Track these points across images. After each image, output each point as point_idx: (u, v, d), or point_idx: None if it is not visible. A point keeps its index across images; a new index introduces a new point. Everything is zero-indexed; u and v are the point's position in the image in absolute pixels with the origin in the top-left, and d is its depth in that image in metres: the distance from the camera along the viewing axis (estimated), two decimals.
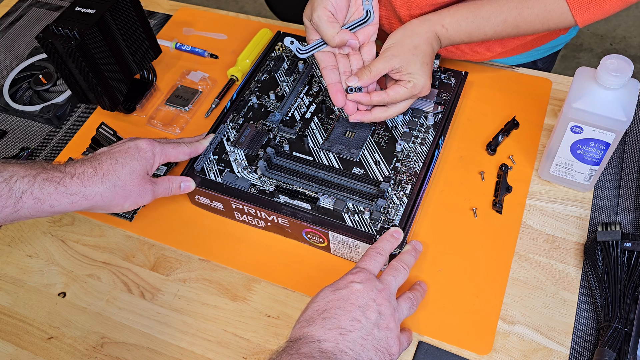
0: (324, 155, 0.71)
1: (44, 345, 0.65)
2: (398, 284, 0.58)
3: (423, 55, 0.69)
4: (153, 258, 0.71)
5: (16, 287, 0.70)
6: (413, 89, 0.68)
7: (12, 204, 0.58)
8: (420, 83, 0.68)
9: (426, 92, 0.70)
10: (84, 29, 0.71)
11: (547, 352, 0.60)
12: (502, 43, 0.84)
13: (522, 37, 0.84)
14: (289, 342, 0.51)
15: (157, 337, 0.65)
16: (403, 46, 0.69)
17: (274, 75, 0.81)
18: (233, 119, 0.76)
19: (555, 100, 0.80)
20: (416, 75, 0.68)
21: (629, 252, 0.61)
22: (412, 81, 0.68)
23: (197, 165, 0.71)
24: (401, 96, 0.68)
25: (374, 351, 0.52)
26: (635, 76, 0.60)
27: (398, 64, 0.68)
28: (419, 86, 0.68)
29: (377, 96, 0.68)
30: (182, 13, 1.00)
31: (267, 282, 0.67)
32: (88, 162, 0.63)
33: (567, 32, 0.90)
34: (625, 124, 0.59)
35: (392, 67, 0.68)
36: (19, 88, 0.89)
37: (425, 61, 0.69)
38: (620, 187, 0.71)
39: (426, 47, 0.69)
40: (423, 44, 0.69)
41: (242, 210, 0.69)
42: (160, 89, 0.88)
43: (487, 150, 0.75)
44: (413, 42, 0.69)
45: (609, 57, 0.58)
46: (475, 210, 0.70)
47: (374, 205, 0.65)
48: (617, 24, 2.14)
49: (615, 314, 0.58)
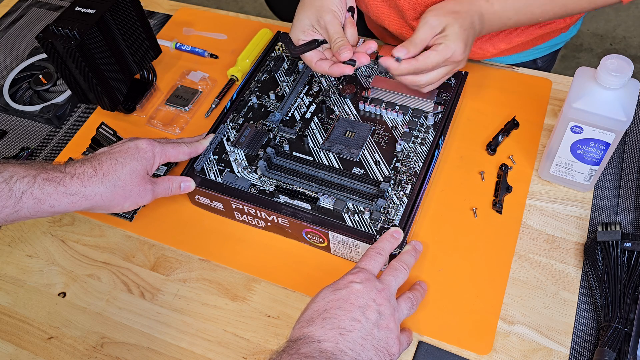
0: (324, 155, 0.71)
1: (44, 345, 0.65)
2: (398, 284, 0.58)
3: (462, 21, 0.65)
4: (153, 258, 0.71)
5: (16, 287, 0.70)
6: (444, 52, 0.64)
7: (12, 204, 0.58)
8: (453, 46, 0.64)
9: (460, 60, 0.66)
10: (84, 29, 0.71)
11: (547, 352, 0.60)
12: (505, 41, 0.84)
13: (524, 35, 0.84)
14: (289, 342, 0.52)
15: (157, 337, 0.65)
16: (442, 9, 0.66)
17: (274, 75, 0.81)
18: (233, 119, 0.76)
19: (555, 100, 0.80)
20: (451, 38, 0.64)
21: (629, 252, 0.61)
22: (445, 43, 0.64)
23: (197, 165, 0.71)
24: (431, 61, 0.64)
25: (374, 351, 0.52)
26: (635, 76, 0.60)
27: (439, 27, 0.65)
28: (450, 49, 0.64)
29: (407, 63, 0.64)
30: (182, 13, 1.00)
31: (267, 282, 0.67)
32: (88, 162, 0.63)
33: (568, 30, 0.90)
34: (625, 124, 0.59)
35: (433, 32, 0.65)
36: (19, 88, 0.89)
37: (464, 26, 0.65)
38: (620, 187, 0.71)
39: (466, 16, 0.66)
40: (464, 12, 0.66)
41: (242, 210, 0.69)
42: (160, 89, 0.88)
43: (487, 150, 0.75)
44: (454, 8, 0.66)
45: (609, 57, 0.58)
46: (475, 210, 0.70)
47: (374, 205, 0.65)
48: (617, 24, 2.14)
49: (615, 314, 0.58)
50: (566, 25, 0.87)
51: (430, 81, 0.67)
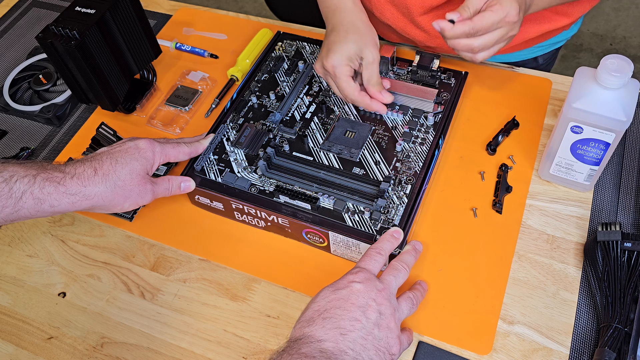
0: (324, 155, 0.71)
1: (44, 345, 0.65)
2: (398, 283, 0.58)
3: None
4: (153, 258, 0.71)
5: (16, 287, 0.70)
6: (500, 12, 0.62)
7: (12, 204, 0.58)
8: (508, 5, 0.63)
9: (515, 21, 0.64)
10: (84, 29, 0.71)
11: (547, 352, 0.60)
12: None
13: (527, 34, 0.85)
14: (289, 342, 0.52)
15: (157, 337, 0.65)
16: None
17: (274, 75, 0.81)
18: (233, 119, 0.76)
19: (555, 100, 0.80)
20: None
21: (629, 252, 0.61)
22: (500, 3, 0.62)
23: (197, 165, 0.71)
24: (487, 21, 0.63)
25: (375, 351, 0.52)
26: (635, 76, 0.60)
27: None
28: (505, 8, 0.63)
29: (462, 25, 0.63)
30: (182, 13, 1.00)
31: (267, 282, 0.67)
32: (88, 162, 0.63)
33: (569, 28, 0.90)
34: (625, 124, 0.59)
35: None
36: (19, 88, 0.89)
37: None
38: (620, 187, 0.71)
39: None
40: None
41: (242, 210, 0.69)
42: (160, 89, 0.88)
43: (487, 150, 0.75)
44: None
45: (609, 57, 0.58)
46: (475, 210, 0.70)
47: (374, 205, 0.65)
48: (617, 24, 2.14)
49: (615, 314, 0.58)
50: (568, 24, 0.88)
51: (485, 45, 0.65)
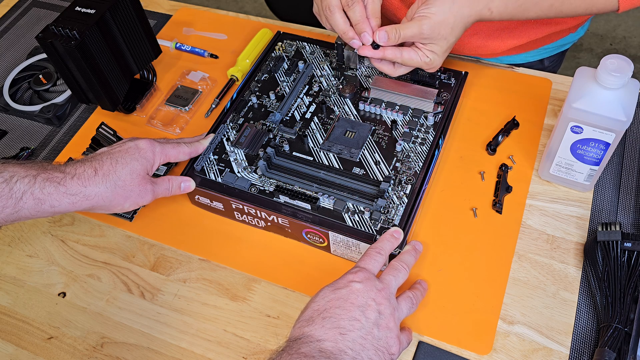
0: (324, 155, 0.71)
1: (44, 345, 0.65)
2: (398, 283, 0.58)
3: (454, 40, 0.68)
4: (153, 258, 0.71)
5: (16, 287, 0.70)
6: (427, 65, 0.68)
7: (13, 204, 0.58)
8: (436, 64, 0.69)
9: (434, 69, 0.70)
10: (84, 29, 0.71)
11: (547, 352, 0.60)
12: (515, 39, 0.84)
13: (534, 34, 0.85)
14: (289, 342, 0.52)
15: (157, 337, 0.65)
16: (441, 24, 0.65)
17: (274, 75, 0.81)
18: (233, 119, 0.76)
19: (555, 100, 0.80)
20: (437, 55, 0.68)
21: (629, 252, 0.61)
22: (431, 58, 0.67)
23: (197, 165, 0.71)
24: (413, 64, 0.68)
25: (374, 351, 0.52)
26: (635, 76, 0.60)
27: (428, 38, 0.66)
28: (434, 66, 0.69)
29: (391, 53, 0.68)
30: (182, 13, 1.00)
31: (267, 282, 0.67)
32: (88, 162, 0.63)
33: (576, 30, 0.90)
34: (625, 124, 0.59)
35: (421, 37, 0.66)
36: (19, 88, 0.89)
37: (451, 44, 0.68)
38: (620, 187, 0.71)
39: (460, 32, 0.68)
40: (460, 29, 0.67)
41: (242, 210, 0.69)
42: (160, 89, 0.88)
43: (487, 150, 0.75)
44: (452, 24, 0.66)
45: (609, 57, 0.58)
46: (475, 210, 0.70)
47: (374, 205, 0.65)
48: (617, 24, 2.14)
49: (615, 314, 0.58)
50: (575, 26, 0.87)
51: (402, 73, 0.72)
